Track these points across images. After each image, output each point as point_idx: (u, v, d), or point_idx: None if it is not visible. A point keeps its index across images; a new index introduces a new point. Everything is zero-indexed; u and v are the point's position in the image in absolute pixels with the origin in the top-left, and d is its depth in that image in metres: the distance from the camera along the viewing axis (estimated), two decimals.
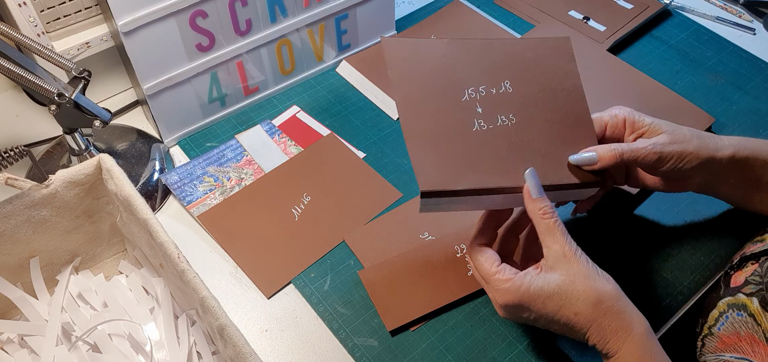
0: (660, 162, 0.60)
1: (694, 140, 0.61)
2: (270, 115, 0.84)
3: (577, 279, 0.52)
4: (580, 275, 0.52)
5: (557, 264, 0.53)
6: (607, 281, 0.53)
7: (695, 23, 0.97)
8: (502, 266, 0.55)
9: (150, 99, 0.75)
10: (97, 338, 0.59)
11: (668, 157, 0.60)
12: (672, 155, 0.60)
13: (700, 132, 0.62)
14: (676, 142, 0.60)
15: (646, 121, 0.62)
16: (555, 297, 0.52)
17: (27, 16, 0.71)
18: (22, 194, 0.58)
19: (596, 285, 0.52)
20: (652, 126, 0.61)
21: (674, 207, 0.72)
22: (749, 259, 0.61)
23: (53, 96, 0.64)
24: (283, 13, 0.80)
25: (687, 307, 0.65)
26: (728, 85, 0.87)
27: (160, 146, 0.79)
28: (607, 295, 0.52)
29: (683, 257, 0.68)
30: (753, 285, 0.58)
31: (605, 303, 0.52)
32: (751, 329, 0.56)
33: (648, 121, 0.62)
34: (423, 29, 0.94)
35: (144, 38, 0.71)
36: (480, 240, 0.58)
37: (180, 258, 0.53)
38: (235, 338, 0.49)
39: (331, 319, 0.63)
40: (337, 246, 0.69)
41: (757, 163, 0.63)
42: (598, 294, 0.52)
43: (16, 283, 0.62)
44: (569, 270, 0.53)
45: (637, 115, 0.62)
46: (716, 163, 0.62)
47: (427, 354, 0.61)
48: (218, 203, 0.73)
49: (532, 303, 0.53)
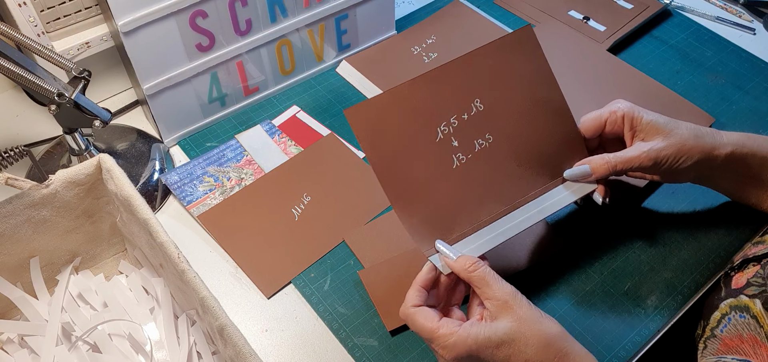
0: (656, 166, 0.60)
1: (691, 139, 0.61)
2: (270, 115, 0.83)
3: (523, 325, 0.51)
4: (525, 320, 0.51)
5: (500, 313, 0.52)
6: (552, 323, 0.52)
7: (695, 23, 0.97)
8: (442, 320, 0.52)
9: (150, 99, 0.75)
10: (97, 338, 0.59)
11: (664, 160, 0.60)
12: (668, 157, 0.60)
13: (699, 128, 0.62)
14: (673, 143, 0.60)
15: (644, 120, 0.61)
16: (504, 345, 0.51)
17: (27, 16, 0.71)
18: (22, 194, 0.58)
19: (542, 328, 0.51)
20: (650, 125, 0.61)
21: (674, 207, 0.72)
22: (751, 261, 0.61)
23: (53, 96, 0.63)
24: (283, 13, 0.80)
25: (687, 308, 0.65)
26: (728, 85, 0.87)
27: (160, 146, 0.79)
28: (555, 337, 0.51)
29: (683, 257, 0.68)
30: (755, 287, 0.58)
31: (555, 345, 0.51)
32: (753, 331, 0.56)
33: (646, 121, 0.61)
34: (423, 29, 0.94)
35: (144, 38, 0.71)
36: (414, 302, 0.54)
37: (180, 258, 0.53)
38: (235, 338, 0.49)
39: (331, 319, 0.63)
40: (337, 246, 0.69)
41: (755, 159, 0.63)
42: (546, 338, 0.51)
43: (16, 283, 0.62)
44: (513, 316, 0.51)
45: (637, 111, 0.62)
46: (713, 159, 0.61)
47: (427, 354, 0.61)
48: (218, 203, 0.73)
49: (481, 352, 0.51)
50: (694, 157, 0.60)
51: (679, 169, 0.61)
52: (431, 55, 0.90)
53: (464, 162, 0.58)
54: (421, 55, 0.90)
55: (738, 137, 0.63)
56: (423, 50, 0.91)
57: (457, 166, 0.58)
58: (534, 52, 0.62)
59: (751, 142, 0.63)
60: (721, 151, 0.61)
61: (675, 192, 0.73)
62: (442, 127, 0.58)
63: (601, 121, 0.63)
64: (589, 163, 0.61)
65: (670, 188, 0.74)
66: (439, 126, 0.58)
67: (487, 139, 0.59)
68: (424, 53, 0.91)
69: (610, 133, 0.63)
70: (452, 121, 0.58)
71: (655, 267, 0.67)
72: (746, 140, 0.63)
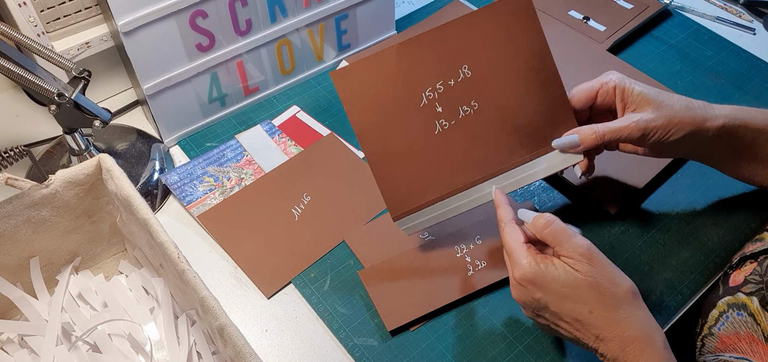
0: (644, 137, 0.60)
1: (681, 111, 0.60)
2: (270, 115, 0.84)
3: (598, 278, 0.50)
4: (601, 274, 0.51)
5: (579, 264, 0.51)
6: (628, 283, 0.51)
7: (695, 23, 0.97)
8: (529, 244, 0.54)
9: (150, 99, 0.75)
10: (97, 338, 0.59)
11: (653, 132, 0.60)
12: (657, 129, 0.59)
13: (691, 101, 0.62)
14: (663, 115, 0.60)
15: (635, 91, 0.61)
16: (571, 286, 0.51)
17: (27, 16, 0.71)
18: (22, 194, 0.58)
19: (618, 285, 0.51)
20: (640, 97, 0.61)
21: (674, 207, 0.72)
22: (748, 258, 0.61)
23: (53, 96, 0.63)
24: (283, 13, 0.80)
25: (687, 307, 0.65)
26: (728, 85, 0.87)
27: (160, 146, 0.79)
28: (628, 298, 0.50)
29: (683, 257, 0.68)
30: (753, 285, 0.58)
31: (626, 306, 0.50)
32: (750, 328, 0.56)
33: (637, 92, 0.61)
34: (423, 29, 0.94)
35: (144, 38, 0.71)
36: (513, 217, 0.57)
37: (180, 258, 0.53)
38: (235, 338, 0.49)
39: (331, 319, 0.63)
40: (337, 246, 0.69)
41: (747, 132, 0.62)
42: (618, 296, 0.50)
43: (16, 283, 0.62)
44: (591, 269, 0.51)
45: (628, 82, 0.62)
46: (704, 132, 0.61)
47: (427, 354, 0.61)
48: (218, 203, 0.73)
49: (548, 285, 0.51)
50: (684, 129, 0.60)
51: (669, 141, 0.60)
52: None
53: (446, 128, 0.58)
54: None
55: (730, 110, 0.62)
56: None
57: (439, 131, 0.58)
58: (529, 19, 0.61)
59: (743, 114, 0.62)
60: (713, 124, 0.61)
61: (675, 192, 0.73)
62: (427, 93, 0.58)
63: (593, 91, 0.63)
64: (578, 132, 0.60)
65: (670, 188, 0.74)
66: (424, 91, 0.58)
67: (473, 105, 0.58)
68: None
69: (602, 105, 0.63)
70: (438, 87, 0.58)
71: (655, 267, 0.67)
72: (739, 112, 0.62)
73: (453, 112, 0.58)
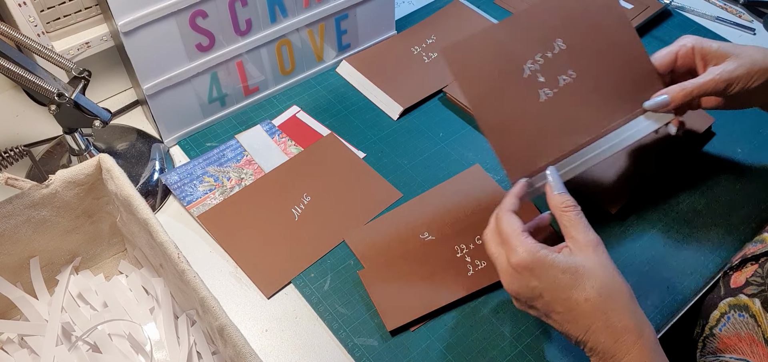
0: (728, 88, 0.62)
1: (760, 60, 0.62)
2: (270, 115, 0.84)
3: (597, 268, 0.51)
4: (601, 265, 0.52)
5: (581, 252, 0.52)
6: (623, 279, 0.52)
7: (695, 23, 0.97)
8: (524, 232, 0.54)
9: (150, 99, 0.75)
10: (97, 338, 0.59)
11: (736, 81, 0.62)
12: (740, 78, 0.62)
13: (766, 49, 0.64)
14: (743, 64, 0.62)
15: (713, 47, 0.64)
16: (570, 272, 0.51)
17: (27, 16, 0.71)
18: (22, 194, 0.58)
19: (614, 279, 0.51)
20: (719, 51, 0.63)
21: (674, 207, 0.72)
22: (749, 260, 0.61)
23: (53, 96, 0.64)
24: (283, 13, 0.80)
25: (687, 308, 0.65)
26: None
27: (160, 146, 0.79)
28: (623, 292, 0.51)
29: (683, 257, 0.68)
30: (755, 286, 0.58)
31: (619, 299, 0.51)
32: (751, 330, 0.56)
33: (715, 47, 0.64)
34: (423, 29, 0.94)
35: (144, 38, 0.71)
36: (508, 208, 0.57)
37: (180, 258, 0.53)
38: (235, 338, 0.49)
39: (331, 319, 0.63)
40: (337, 246, 0.69)
41: None
42: (613, 288, 0.51)
43: (16, 283, 0.62)
44: (592, 258, 0.52)
45: (705, 41, 0.65)
46: None
47: (427, 354, 0.61)
48: (218, 203, 0.73)
49: (545, 272, 0.51)
50: (764, 76, 0.62)
51: (750, 89, 0.62)
52: (431, 55, 0.90)
53: (550, 96, 0.63)
54: (421, 55, 0.90)
55: None
56: (423, 50, 0.91)
57: (544, 99, 0.63)
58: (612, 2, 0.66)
59: None
60: None
61: (675, 192, 0.73)
62: (528, 64, 0.63)
63: (672, 55, 0.66)
64: (667, 92, 0.64)
65: (671, 188, 0.74)
66: (526, 64, 0.63)
67: (570, 75, 0.63)
68: (424, 53, 0.91)
69: (682, 66, 0.66)
70: (538, 59, 0.63)
71: (655, 267, 0.67)
72: None
73: (554, 81, 0.63)
